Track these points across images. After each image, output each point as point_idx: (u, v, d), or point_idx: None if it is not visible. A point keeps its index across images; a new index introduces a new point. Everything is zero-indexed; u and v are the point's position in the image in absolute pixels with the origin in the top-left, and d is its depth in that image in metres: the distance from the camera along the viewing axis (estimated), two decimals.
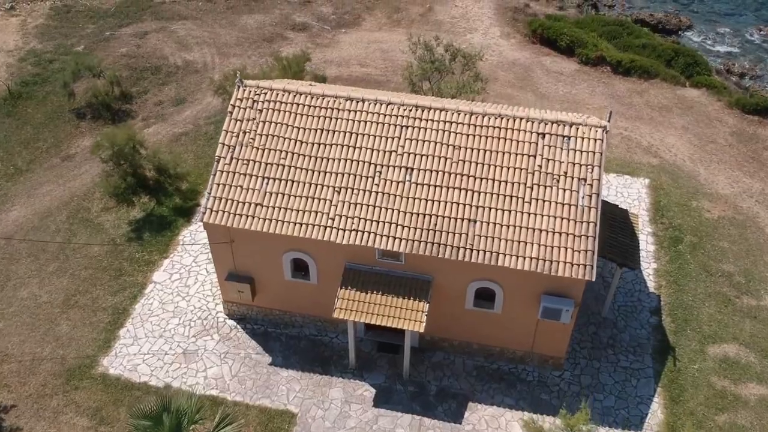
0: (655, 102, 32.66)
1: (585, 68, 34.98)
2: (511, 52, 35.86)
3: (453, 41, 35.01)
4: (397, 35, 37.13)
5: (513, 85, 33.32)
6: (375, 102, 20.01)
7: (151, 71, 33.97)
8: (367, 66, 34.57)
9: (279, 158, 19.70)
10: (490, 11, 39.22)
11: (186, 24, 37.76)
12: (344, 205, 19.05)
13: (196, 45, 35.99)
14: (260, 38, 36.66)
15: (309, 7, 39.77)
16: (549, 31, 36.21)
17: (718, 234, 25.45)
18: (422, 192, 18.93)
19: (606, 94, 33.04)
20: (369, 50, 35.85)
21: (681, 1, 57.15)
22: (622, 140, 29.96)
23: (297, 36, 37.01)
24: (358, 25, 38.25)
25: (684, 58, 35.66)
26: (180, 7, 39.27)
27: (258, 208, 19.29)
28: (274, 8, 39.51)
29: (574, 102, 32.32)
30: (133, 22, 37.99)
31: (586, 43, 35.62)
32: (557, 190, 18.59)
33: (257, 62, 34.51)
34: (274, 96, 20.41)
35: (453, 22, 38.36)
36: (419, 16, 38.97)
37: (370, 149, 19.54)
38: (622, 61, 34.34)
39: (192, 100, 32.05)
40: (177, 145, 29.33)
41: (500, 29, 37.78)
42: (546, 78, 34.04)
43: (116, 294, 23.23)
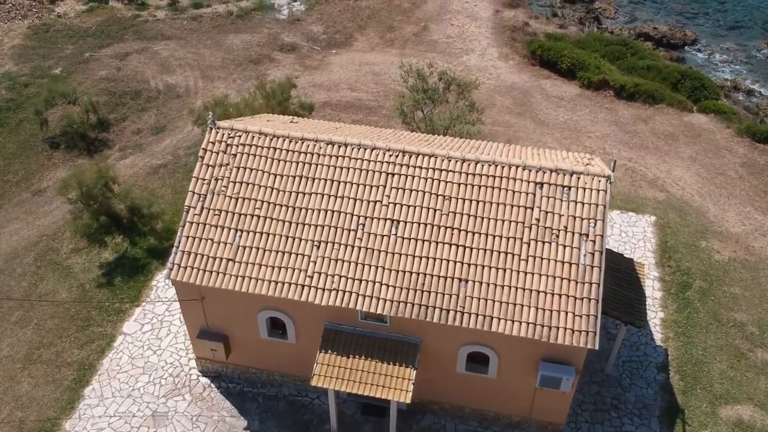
0: (660, 130, 31.14)
1: (587, 92, 33.49)
2: (509, 75, 34.37)
3: (448, 64, 33.66)
4: (389, 56, 35.67)
5: (511, 111, 31.82)
6: (358, 147, 18.50)
7: (131, 96, 32.49)
8: (358, 90, 33.08)
9: (253, 208, 18.19)
10: (487, 30, 37.75)
11: (169, 44, 36.30)
12: (324, 261, 17.52)
13: (178, 67, 34.51)
14: (246, 60, 35.18)
15: (298, 26, 38.31)
16: (549, 53, 34.72)
17: (729, 278, 23.90)
18: (409, 247, 17.40)
19: (609, 121, 31.53)
20: (360, 73, 34.37)
21: (686, 14, 55.86)
22: (627, 172, 28.44)
23: (285, 57, 35.53)
24: (349, 45, 36.79)
25: (691, 82, 34.17)
26: (164, 26, 37.82)
27: (230, 264, 17.77)
28: (261, 27, 38.05)
29: (575, 130, 30.82)
30: (114, 42, 36.55)
31: (588, 65, 34.13)
32: (557, 247, 17.06)
33: (242, 86, 33.05)
34: (249, 139, 18.90)
35: (448, 42, 36.89)
36: (413, 35, 37.50)
37: (352, 199, 18.02)
38: (626, 85, 32.83)
39: (172, 128, 30.55)
40: (154, 178, 27.82)
41: (498, 50, 36.29)
42: (546, 103, 32.53)
43: (83, 347, 21.70)
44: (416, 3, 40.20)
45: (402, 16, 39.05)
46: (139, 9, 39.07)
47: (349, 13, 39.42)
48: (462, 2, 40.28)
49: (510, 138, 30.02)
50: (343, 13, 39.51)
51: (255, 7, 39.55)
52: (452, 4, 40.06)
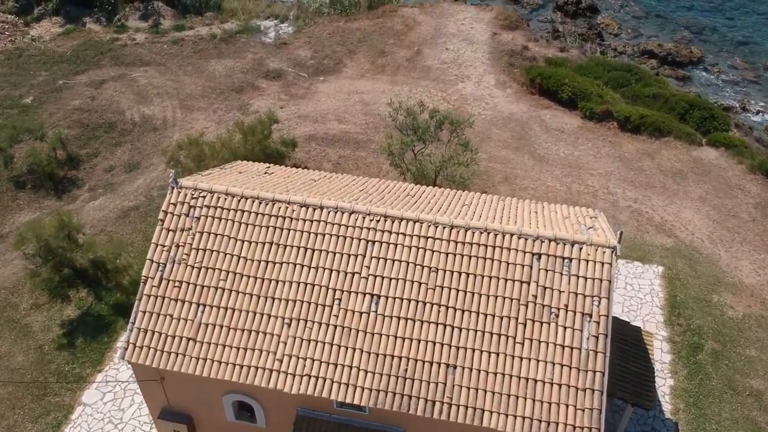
0: (668, 166, 29.35)
1: (589, 124, 31.71)
2: (506, 105, 32.60)
3: (442, 93, 31.95)
4: (380, 84, 33.92)
5: (508, 146, 30.04)
6: (335, 210, 16.73)
7: (105, 129, 30.74)
8: (346, 122, 31.31)
9: (218, 280, 16.43)
10: (484, 55, 36.00)
11: (148, 71, 34.55)
12: (295, 342, 15.75)
13: (156, 96, 32.76)
14: (228, 88, 33.42)
15: (285, 51, 36.57)
16: (549, 81, 32.96)
17: (744, 338, 22.10)
18: (390, 327, 15.62)
19: (612, 157, 29.75)
20: (349, 102, 32.62)
21: (691, 29, 54.27)
22: (632, 215, 26.65)
23: (270, 86, 33.78)
24: (338, 71, 35.02)
25: (700, 112, 32.40)
26: (143, 51, 36.09)
27: (191, 344, 16.00)
28: (246, 52, 36.30)
29: (576, 166, 29.03)
30: (89, 68, 34.80)
31: (590, 94, 32.37)
32: (556, 328, 15.28)
33: (223, 117, 31.30)
34: (215, 200, 17.13)
35: (443, 68, 35.13)
36: (406, 60, 35.75)
37: (328, 270, 16.26)
38: (631, 117, 31.06)
39: (146, 165, 28.78)
40: (125, 222, 26.05)
41: (495, 77, 34.53)
42: (545, 136, 30.76)
43: (37, 420, 19.92)
44: (410, 25, 38.48)
45: (395, 39, 37.33)
46: (117, 32, 37.37)
47: (339, 36, 37.70)
48: (458, 24, 38.55)
49: (507, 176, 28.27)
50: (332, 36, 37.78)
51: (240, 30, 37.84)
52: (447, 27, 38.34)
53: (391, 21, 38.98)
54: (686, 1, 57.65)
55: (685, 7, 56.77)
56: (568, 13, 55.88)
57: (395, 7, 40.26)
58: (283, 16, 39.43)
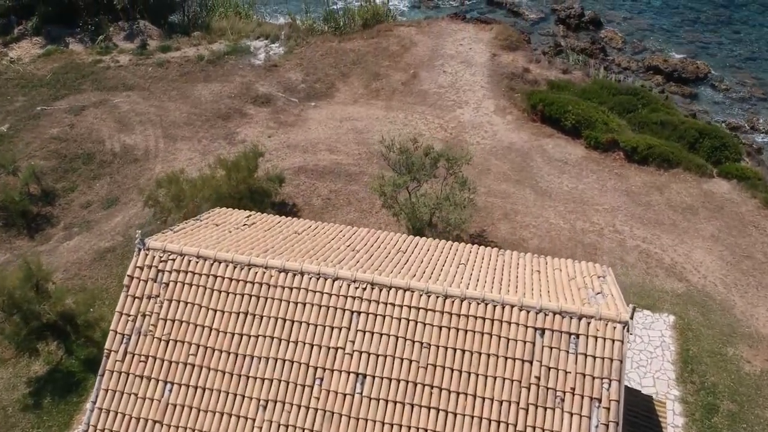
0: (677, 200, 27.87)
1: (594, 154, 30.23)
2: (506, 133, 31.13)
3: (439, 120, 30.57)
4: (374, 109, 32.47)
5: (508, 179, 28.56)
6: (317, 276, 15.25)
7: (83, 160, 29.28)
8: (338, 152, 29.85)
9: (188, 355, 14.96)
10: (483, 78, 34.53)
11: (131, 96, 33.10)
12: (272, 427, 14.27)
13: (139, 124, 31.30)
14: (215, 115, 31.96)
15: (275, 74, 35.12)
16: (551, 108, 31.48)
17: (763, 398, 20.61)
18: (378, 411, 14.15)
19: (619, 191, 28.26)
20: (341, 130, 31.15)
21: (698, 43, 52.99)
22: (640, 256, 25.16)
23: (258, 112, 32.31)
24: (330, 96, 33.56)
25: (710, 141, 30.93)
26: (126, 74, 34.64)
27: (157, 427, 14.51)
28: (234, 75, 34.85)
29: (580, 201, 27.54)
30: (70, 92, 33.36)
31: (595, 122, 30.89)
32: (561, 415, 13.78)
33: (208, 147, 29.84)
34: (185, 264, 15.66)
35: (440, 92, 33.66)
36: (401, 84, 34.29)
37: (309, 345, 14.79)
38: (638, 147, 29.57)
39: (126, 201, 27.31)
40: (100, 265, 24.58)
41: (495, 102, 33.06)
42: (548, 168, 29.27)
43: None
44: (406, 46, 37.04)
45: (390, 61, 35.88)
46: (101, 53, 35.93)
47: (332, 58, 36.25)
48: (456, 45, 37.10)
49: (507, 212, 26.79)
50: (325, 58, 36.34)
51: (229, 51, 36.40)
52: (445, 48, 36.90)
53: (387, 41, 37.55)
54: (691, 14, 56.37)
55: (691, 20, 55.51)
56: (570, 26, 54.63)
57: (391, 26, 38.84)
58: (273, 36, 38.00)
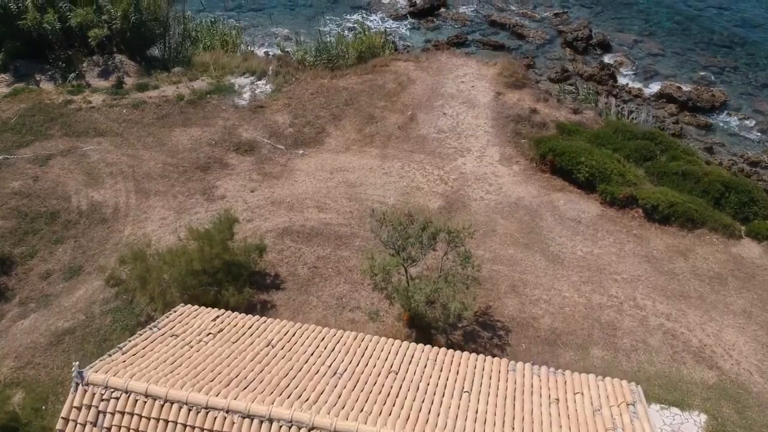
0: (704, 268, 25.29)
1: (610, 212, 27.67)
2: (513, 187, 28.56)
3: (439, 170, 28.09)
4: (368, 158, 29.95)
5: (516, 242, 25.98)
6: (289, 425, 12.66)
7: (46, 220, 26.75)
8: (327, 209, 27.29)
9: None
10: (487, 122, 31.99)
11: (102, 143, 30.57)
12: None
13: (109, 177, 28.76)
14: (193, 165, 29.43)
15: (261, 116, 32.57)
16: (563, 159, 28.93)
17: None
18: None
19: (639, 256, 25.68)
20: (331, 183, 28.60)
21: (712, 69, 50.78)
22: (665, 337, 22.59)
23: (241, 162, 29.76)
24: (320, 142, 31.02)
25: (737, 195, 28.37)
26: (99, 117, 32.11)
27: None
28: (215, 118, 32.31)
29: (596, 269, 24.98)
30: (36, 138, 30.83)
31: (610, 174, 28.33)
32: None
33: (184, 205, 27.30)
34: (131, 405, 13.13)
35: (440, 138, 31.11)
36: (398, 128, 31.74)
37: None
38: (659, 205, 26.98)
39: (90, 271, 24.75)
40: (57, 351, 22.02)
41: (500, 149, 30.50)
42: (559, 228, 26.70)
43: None
44: (403, 84, 34.52)
45: (385, 101, 33.35)
46: (72, 93, 33.43)
47: (323, 97, 33.74)
48: (457, 82, 34.58)
49: (515, 283, 24.23)
50: (315, 97, 33.82)
51: (211, 90, 33.91)
52: (445, 86, 34.38)
53: (383, 78, 35.04)
54: (704, 36, 54.04)
55: (703, 43, 53.22)
56: (577, 49, 52.47)
57: (387, 60, 36.33)
58: (260, 72, 35.50)
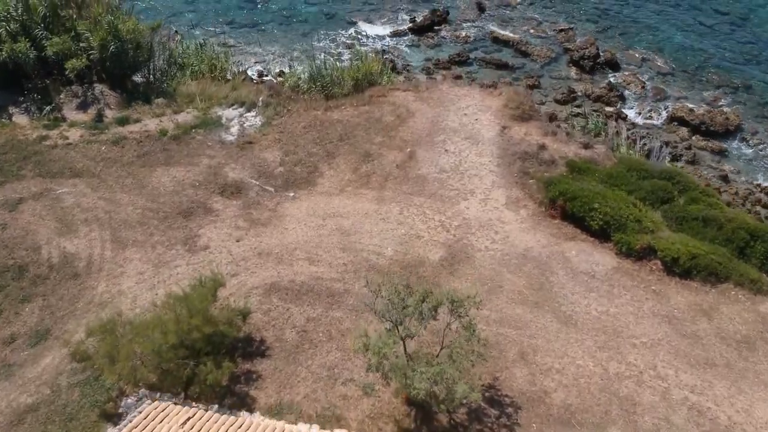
0: (729, 330, 23.31)
1: (626, 264, 25.68)
2: (521, 235, 26.55)
3: (440, 215, 26.18)
4: (364, 202, 27.96)
5: (524, 300, 23.97)
6: None
7: (13, 274, 24.74)
8: (319, 261, 25.27)
9: None
10: (492, 160, 29.97)
11: (78, 185, 28.55)
12: None
13: (83, 224, 26.75)
14: (175, 210, 27.41)
15: (249, 153, 30.56)
16: (574, 204, 26.92)
17: None
18: None
19: (659, 316, 23.69)
20: (323, 231, 26.59)
21: (725, 88, 49.03)
22: (690, 414, 20.60)
23: (226, 206, 27.74)
24: (312, 184, 29.01)
25: (763, 245, 26.43)
26: (75, 155, 30.09)
27: None
28: (200, 156, 30.28)
29: (613, 332, 22.99)
30: (7, 180, 28.81)
31: (626, 221, 26.31)
32: None
33: (162, 258, 25.30)
34: None
35: (441, 179, 29.10)
36: (396, 167, 29.74)
37: None
38: (680, 258, 24.97)
39: (58, 335, 22.71)
40: None
41: (506, 192, 28.50)
42: (572, 284, 24.69)
43: None
44: (402, 116, 32.54)
45: (383, 135, 31.36)
46: (48, 127, 31.42)
47: (316, 132, 31.74)
48: (459, 115, 32.59)
49: (524, 349, 22.25)
50: (308, 131, 31.82)
51: (197, 124, 31.88)
52: (447, 119, 32.40)
53: (380, 110, 33.04)
54: (715, 52, 52.28)
55: (715, 60, 51.46)
56: (584, 68, 50.78)
57: (385, 91, 34.33)
58: (250, 103, 33.49)
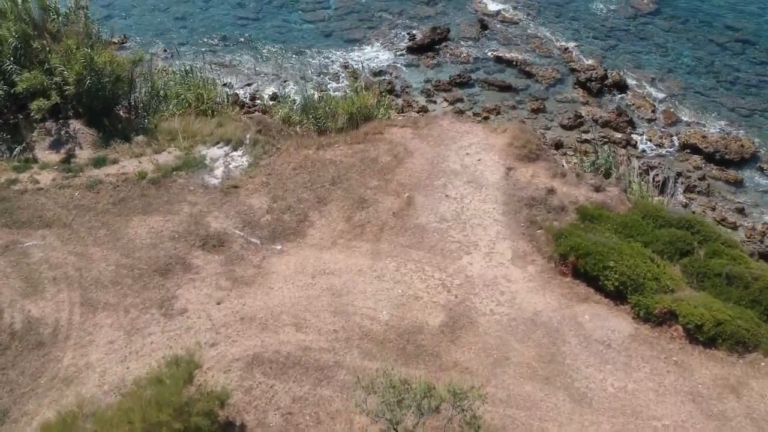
0: (761, 411, 21.19)
1: (644, 330, 23.55)
2: (529, 296, 24.40)
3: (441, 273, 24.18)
4: (357, 257, 25.84)
5: (533, 375, 21.82)
6: None
7: None
8: (307, 328, 23.14)
9: None
10: (497, 207, 27.82)
11: (47, 237, 26.42)
12: None
13: (51, 283, 24.63)
14: (151, 267, 25.26)
15: (234, 199, 28.39)
16: (587, 262, 24.75)
17: None
18: None
19: (682, 393, 21.54)
20: (312, 292, 24.45)
21: (739, 111, 47.29)
22: None
23: (208, 261, 25.59)
24: (301, 235, 26.85)
25: None
26: (46, 201, 27.95)
27: None
28: (181, 202, 28.12)
29: (632, 412, 20.86)
30: None
31: (643, 282, 24.16)
32: None
33: (135, 324, 23.20)
34: None
35: (442, 229, 26.95)
36: (393, 215, 27.59)
37: None
38: (703, 325, 22.81)
39: (16, 417, 20.60)
40: None
41: (512, 244, 26.34)
42: (585, 355, 22.54)
43: None
44: (399, 156, 30.39)
45: (379, 178, 29.22)
46: (18, 169, 29.29)
47: (307, 174, 29.61)
48: (461, 155, 30.45)
49: None
50: (298, 173, 29.68)
51: (179, 165, 29.75)
52: (448, 159, 30.23)
53: (376, 149, 30.90)
54: (728, 73, 50.48)
55: (728, 81, 49.66)
56: (591, 91, 49.04)
57: (381, 127, 32.20)
58: (236, 141, 31.35)
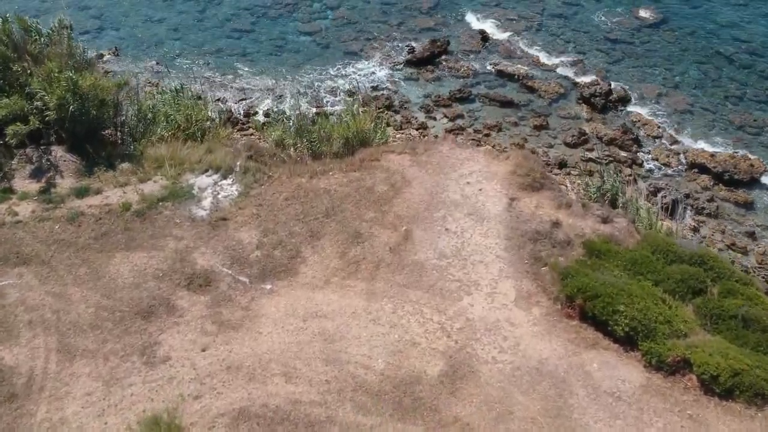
0: None
1: (656, 380, 22.15)
2: (534, 342, 23.02)
3: (439, 315, 22.65)
4: (352, 297, 24.48)
5: (539, 431, 20.39)
6: None
7: None
8: (297, 379, 21.77)
9: None
10: (499, 242, 26.43)
11: (24, 275, 25.07)
12: None
13: (27, 328, 23.27)
14: (133, 309, 23.90)
15: (223, 233, 27.03)
16: (595, 305, 23.37)
17: None
18: None
19: None
20: (304, 337, 23.08)
21: (747, 129, 46.46)
22: None
23: (193, 303, 24.23)
24: (293, 273, 25.48)
25: None
26: (24, 235, 26.60)
27: None
28: (167, 236, 26.75)
29: None
30: None
31: (655, 326, 22.79)
32: None
33: (115, 373, 21.85)
34: None
35: (441, 266, 25.58)
36: (389, 251, 26.22)
37: None
38: (720, 375, 21.43)
39: None
40: None
41: (515, 283, 24.97)
42: (594, 408, 21.15)
43: None
44: (396, 185, 29.03)
45: (375, 210, 27.85)
46: None
47: (300, 204, 28.24)
48: (461, 184, 29.08)
49: None
50: (290, 204, 28.32)
51: (165, 195, 28.39)
52: (448, 189, 28.87)
53: (372, 177, 29.52)
54: (735, 88, 49.59)
55: (736, 97, 48.83)
56: (595, 107, 48.15)
57: (378, 153, 30.82)
58: (226, 168, 30.00)
